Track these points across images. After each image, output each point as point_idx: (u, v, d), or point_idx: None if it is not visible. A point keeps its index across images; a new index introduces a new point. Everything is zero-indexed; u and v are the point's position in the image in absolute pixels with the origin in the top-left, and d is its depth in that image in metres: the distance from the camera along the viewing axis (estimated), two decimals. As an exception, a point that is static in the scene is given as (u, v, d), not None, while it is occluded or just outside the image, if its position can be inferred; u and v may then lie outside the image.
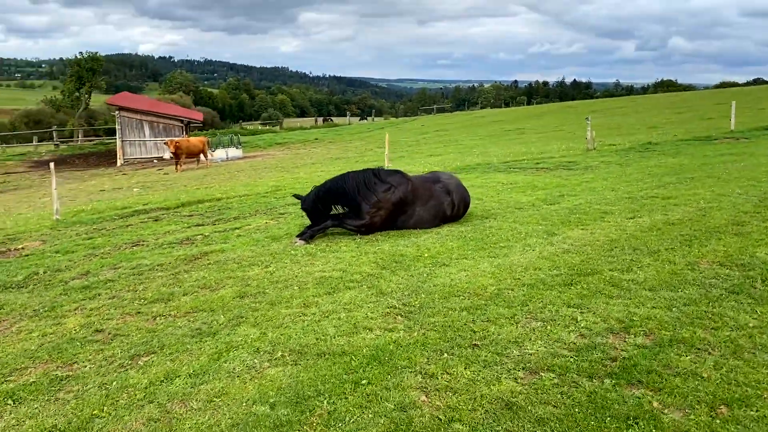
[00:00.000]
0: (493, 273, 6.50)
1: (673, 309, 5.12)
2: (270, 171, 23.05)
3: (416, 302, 5.75)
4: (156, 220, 11.63)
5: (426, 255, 7.48)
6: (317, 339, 4.98)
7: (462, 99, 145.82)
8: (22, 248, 9.63)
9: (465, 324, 5.09)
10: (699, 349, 4.33)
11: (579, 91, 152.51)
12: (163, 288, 6.84)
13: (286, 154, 34.53)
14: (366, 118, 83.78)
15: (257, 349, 4.88)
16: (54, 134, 44.56)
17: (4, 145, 48.34)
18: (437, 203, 9.24)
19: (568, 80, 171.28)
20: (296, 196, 9.58)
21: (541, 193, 11.91)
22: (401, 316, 5.44)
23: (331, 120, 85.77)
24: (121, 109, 36.75)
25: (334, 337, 4.99)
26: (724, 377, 3.90)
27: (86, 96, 56.26)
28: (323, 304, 5.88)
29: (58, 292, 6.94)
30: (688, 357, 4.21)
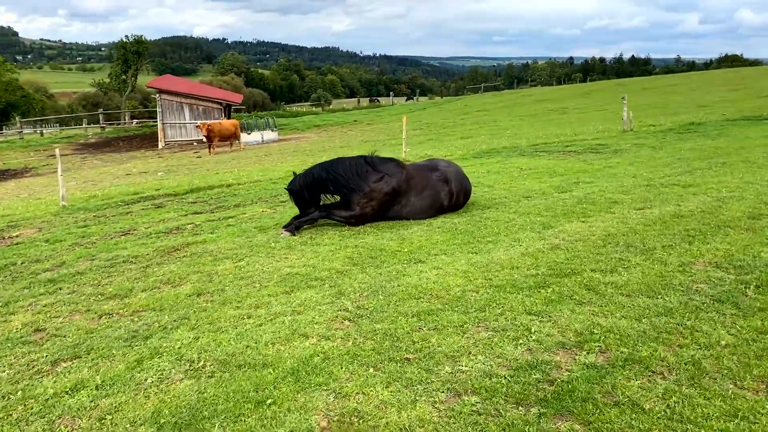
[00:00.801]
0: (465, 272, 6.01)
1: (643, 320, 4.53)
2: (296, 155, 22.83)
3: (371, 305, 5.32)
4: (158, 207, 11.50)
5: (406, 250, 7.03)
6: (247, 347, 4.62)
7: (514, 77, 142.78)
8: (17, 236, 9.63)
9: (408, 332, 4.64)
10: (653, 372, 3.77)
11: (637, 67, 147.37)
12: (126, 283, 6.62)
13: (321, 136, 34.29)
14: (411, 99, 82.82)
15: (181, 356, 4.56)
16: (100, 117, 45.56)
17: (62, 127, 50.03)
18: (433, 193, 8.75)
19: (627, 56, 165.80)
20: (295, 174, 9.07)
21: (557, 179, 11.24)
22: (348, 320, 5.03)
23: (377, 101, 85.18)
24: (161, 92, 37.12)
25: (266, 345, 4.62)
26: (669, 410, 3.35)
27: (132, 79, 57.24)
28: (274, 305, 5.53)
29: (23, 286, 6.81)
30: (638, 382, 3.66)
